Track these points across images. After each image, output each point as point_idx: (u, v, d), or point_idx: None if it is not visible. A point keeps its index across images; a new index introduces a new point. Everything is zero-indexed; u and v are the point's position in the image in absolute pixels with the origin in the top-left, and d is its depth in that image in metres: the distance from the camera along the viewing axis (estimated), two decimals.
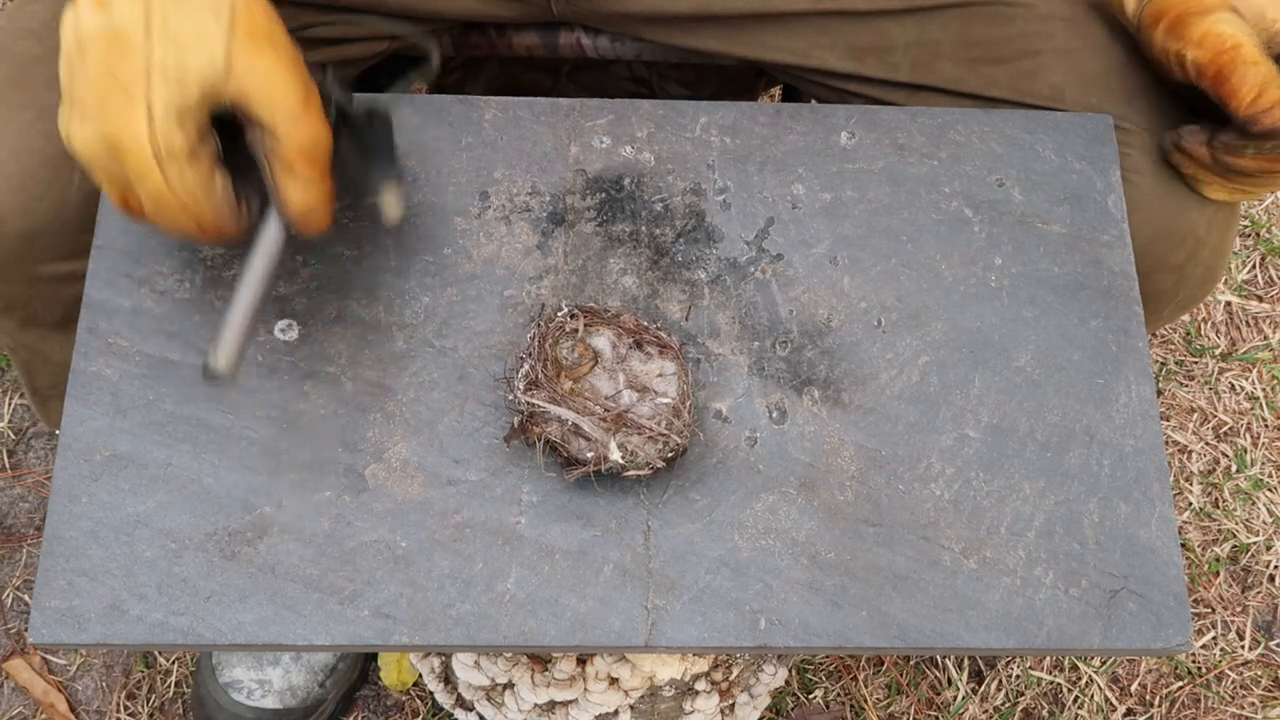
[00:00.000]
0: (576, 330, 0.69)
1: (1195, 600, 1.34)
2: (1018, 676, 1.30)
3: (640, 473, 0.67)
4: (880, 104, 0.87)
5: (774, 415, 0.72)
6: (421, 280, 0.74)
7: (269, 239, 0.65)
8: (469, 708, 0.93)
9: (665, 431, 0.67)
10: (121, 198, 0.64)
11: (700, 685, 0.88)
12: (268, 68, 0.62)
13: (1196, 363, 1.48)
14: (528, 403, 0.67)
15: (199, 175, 0.61)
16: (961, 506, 0.70)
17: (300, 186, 0.64)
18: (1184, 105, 0.83)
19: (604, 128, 0.79)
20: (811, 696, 1.28)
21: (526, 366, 0.68)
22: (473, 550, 0.67)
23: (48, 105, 0.78)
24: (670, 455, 0.67)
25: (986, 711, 1.28)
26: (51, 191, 0.77)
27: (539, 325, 0.69)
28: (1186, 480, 1.41)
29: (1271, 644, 1.33)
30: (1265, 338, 1.50)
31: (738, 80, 1.09)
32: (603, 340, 0.69)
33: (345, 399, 0.71)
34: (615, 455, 0.66)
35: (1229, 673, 1.31)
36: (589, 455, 0.66)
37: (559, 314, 0.70)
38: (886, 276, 0.76)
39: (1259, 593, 1.35)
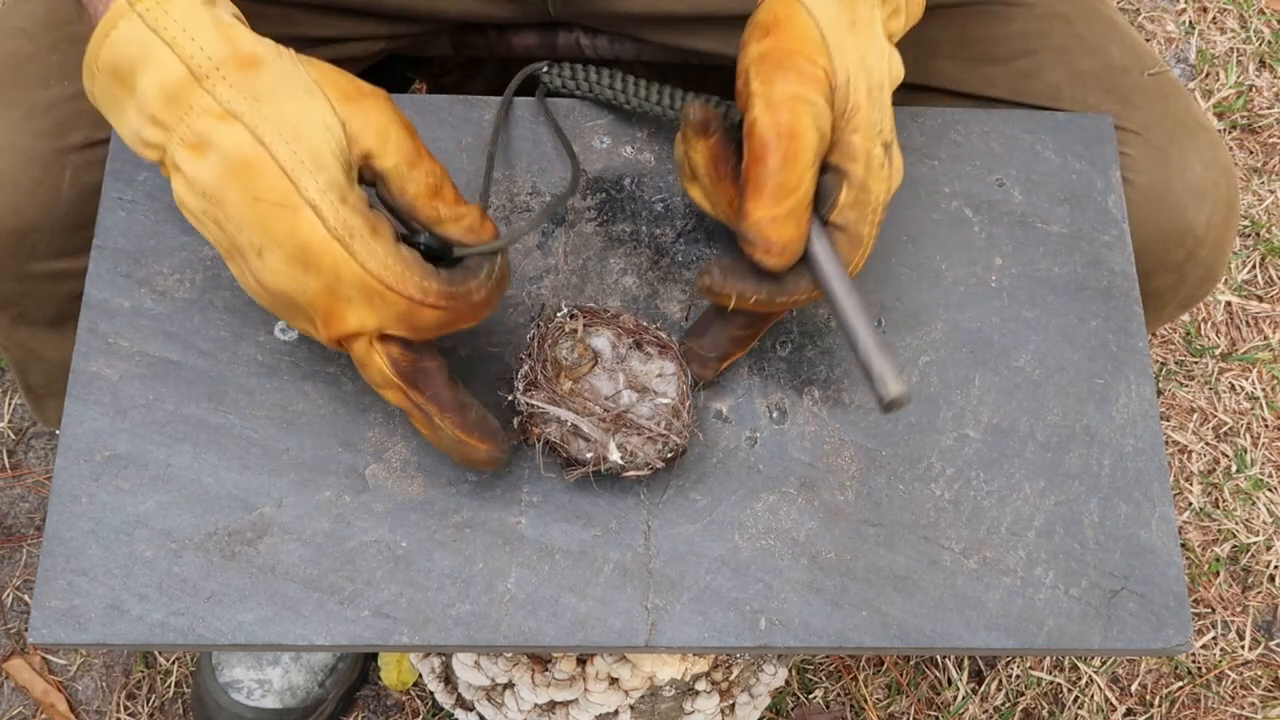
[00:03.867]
0: (576, 330, 0.69)
1: (1195, 600, 1.34)
2: (1018, 676, 1.30)
3: (640, 473, 0.67)
4: None
5: (774, 415, 0.72)
6: None
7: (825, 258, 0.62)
8: (469, 708, 0.93)
9: (665, 432, 0.67)
10: (335, 331, 0.60)
11: (700, 685, 0.88)
12: (375, 114, 0.59)
13: (1196, 363, 1.48)
14: (527, 403, 0.67)
15: (386, 245, 0.58)
16: (961, 506, 0.70)
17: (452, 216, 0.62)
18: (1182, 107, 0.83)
19: (604, 128, 0.79)
20: (811, 696, 1.28)
21: (526, 367, 0.68)
22: (473, 550, 0.67)
23: (38, 103, 0.78)
24: (670, 455, 0.67)
25: (986, 711, 1.28)
26: (42, 190, 0.77)
27: (539, 325, 0.69)
28: (1186, 480, 1.41)
29: (1271, 644, 1.33)
30: (1265, 338, 1.50)
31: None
32: (602, 340, 0.69)
33: (345, 399, 0.71)
34: (615, 455, 0.66)
35: (1229, 673, 1.31)
36: (589, 455, 0.66)
37: (559, 314, 0.70)
38: (886, 276, 0.76)
39: (1259, 593, 1.35)
